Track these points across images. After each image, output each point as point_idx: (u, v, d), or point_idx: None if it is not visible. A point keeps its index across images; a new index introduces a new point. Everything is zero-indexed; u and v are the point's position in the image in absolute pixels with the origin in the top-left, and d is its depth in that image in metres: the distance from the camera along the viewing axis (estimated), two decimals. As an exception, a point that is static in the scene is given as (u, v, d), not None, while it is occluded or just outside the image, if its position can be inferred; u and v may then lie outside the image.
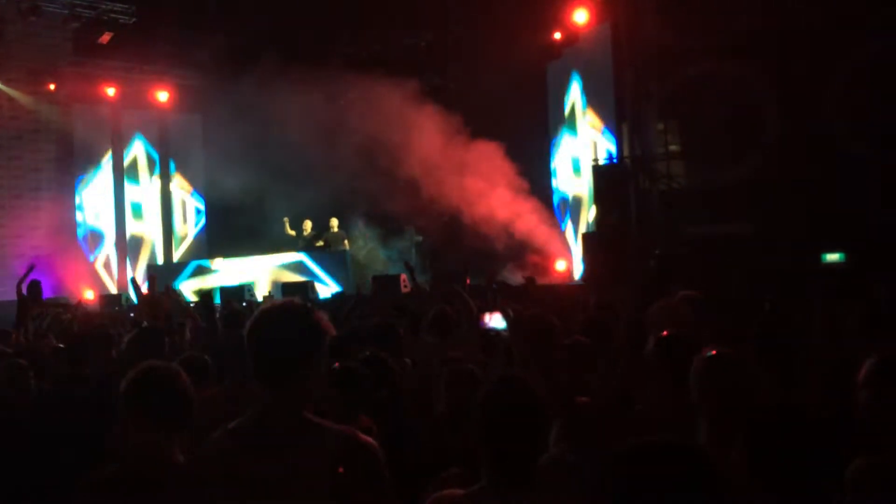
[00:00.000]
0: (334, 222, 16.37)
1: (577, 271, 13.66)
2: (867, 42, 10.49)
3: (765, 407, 2.01)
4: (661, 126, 12.84)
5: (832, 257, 10.53)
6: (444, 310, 5.51)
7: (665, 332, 3.38)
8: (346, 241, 16.25)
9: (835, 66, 10.64)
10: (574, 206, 15.03)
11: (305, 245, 16.32)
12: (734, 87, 11.47)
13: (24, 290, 10.71)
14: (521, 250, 14.18)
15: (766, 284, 8.79)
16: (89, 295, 15.70)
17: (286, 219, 16.46)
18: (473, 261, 14.14)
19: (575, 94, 14.98)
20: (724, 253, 10.73)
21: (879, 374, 2.15)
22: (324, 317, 2.27)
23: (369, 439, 2.23)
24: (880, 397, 2.12)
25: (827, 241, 10.55)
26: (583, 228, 14.22)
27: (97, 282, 17.26)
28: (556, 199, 15.71)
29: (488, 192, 14.40)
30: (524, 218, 14.43)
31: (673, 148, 12.85)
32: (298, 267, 15.70)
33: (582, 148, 14.73)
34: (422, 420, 4.06)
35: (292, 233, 16.50)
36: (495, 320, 5.73)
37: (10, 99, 16.57)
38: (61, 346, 5.32)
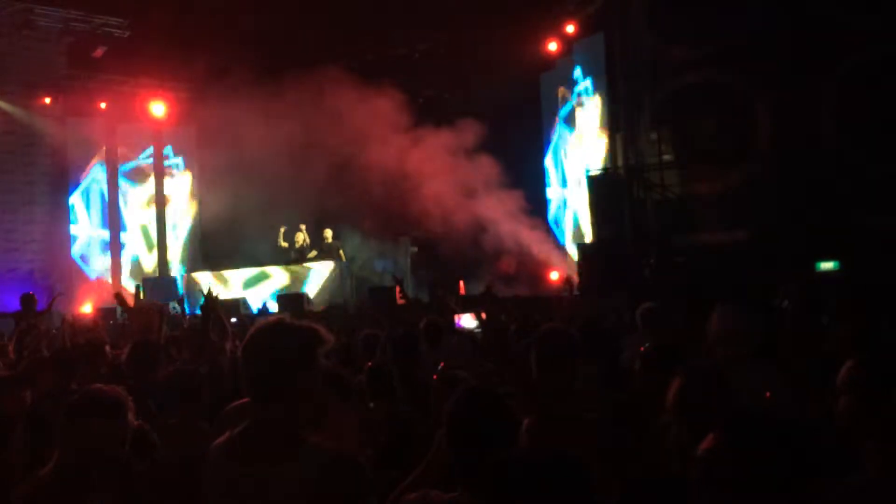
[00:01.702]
0: (328, 233, 16.33)
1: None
2: (860, 49, 10.53)
3: (743, 412, 2.00)
4: (654, 135, 12.86)
5: (826, 265, 10.53)
6: (435, 319, 5.58)
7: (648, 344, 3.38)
8: (340, 252, 16.21)
9: (828, 74, 10.68)
10: (569, 216, 15.04)
11: (299, 256, 16.28)
12: (727, 96, 11.49)
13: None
14: (515, 260, 14.16)
15: (760, 293, 8.76)
16: (87, 308, 15.63)
17: (283, 228, 16.44)
18: (468, 271, 14.18)
19: (568, 104, 15.02)
20: (719, 261, 10.72)
21: (857, 379, 2.14)
22: (321, 329, 2.26)
23: (354, 455, 2.21)
24: (859, 403, 2.10)
25: (821, 249, 10.55)
26: (578, 238, 14.22)
27: (94, 295, 17.19)
28: (550, 209, 15.71)
29: (483, 203, 14.40)
30: (519, 227, 14.43)
31: (666, 157, 12.87)
32: (293, 279, 15.67)
33: (576, 158, 14.76)
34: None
35: (285, 244, 16.47)
36: (465, 320, 5.91)
37: (5, 112, 16.58)
38: (45, 355, 5.22)
